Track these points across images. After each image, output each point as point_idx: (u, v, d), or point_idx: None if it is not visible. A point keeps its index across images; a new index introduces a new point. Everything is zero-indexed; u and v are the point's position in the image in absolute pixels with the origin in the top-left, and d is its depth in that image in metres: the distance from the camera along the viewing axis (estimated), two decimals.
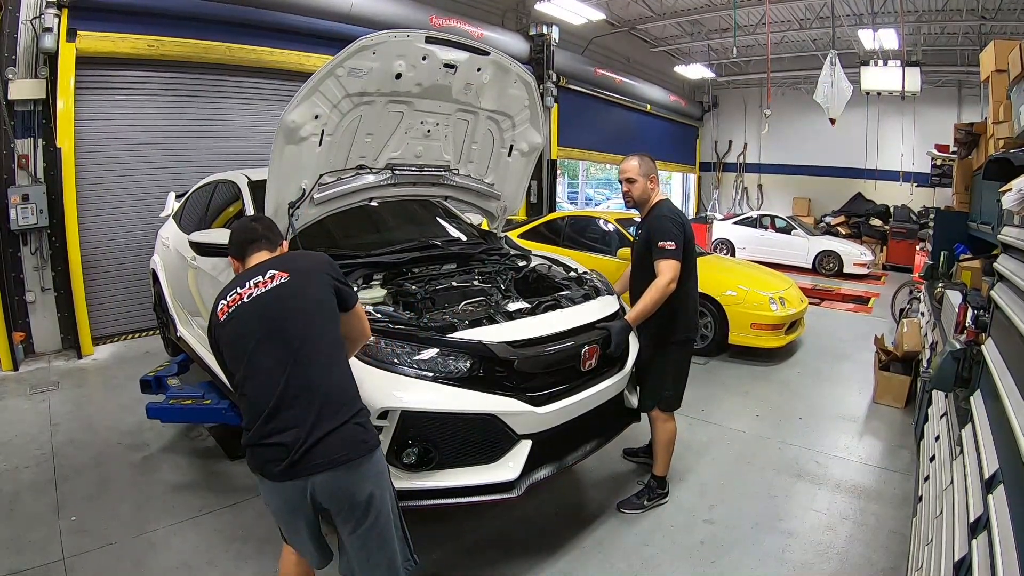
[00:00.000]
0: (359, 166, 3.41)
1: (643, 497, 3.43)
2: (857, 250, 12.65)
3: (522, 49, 10.37)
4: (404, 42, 2.96)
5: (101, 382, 5.36)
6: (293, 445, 1.80)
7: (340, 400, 1.90)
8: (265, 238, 2.19)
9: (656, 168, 3.38)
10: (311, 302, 1.98)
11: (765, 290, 6.22)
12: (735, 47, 10.79)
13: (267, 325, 1.92)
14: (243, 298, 1.97)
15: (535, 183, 10.93)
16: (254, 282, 1.98)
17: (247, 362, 1.92)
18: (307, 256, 2.26)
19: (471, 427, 2.61)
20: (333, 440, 1.83)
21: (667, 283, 3.08)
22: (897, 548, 3.04)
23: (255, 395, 1.89)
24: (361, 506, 1.90)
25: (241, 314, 1.95)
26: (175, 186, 5.73)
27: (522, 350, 2.72)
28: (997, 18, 10.80)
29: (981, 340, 2.84)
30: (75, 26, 5.69)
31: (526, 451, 2.69)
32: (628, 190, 3.31)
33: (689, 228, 3.27)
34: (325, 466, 1.82)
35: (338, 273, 2.10)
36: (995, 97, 4.83)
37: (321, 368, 1.91)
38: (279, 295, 1.95)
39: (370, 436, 1.94)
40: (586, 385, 2.96)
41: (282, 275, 1.99)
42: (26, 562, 2.80)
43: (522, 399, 2.68)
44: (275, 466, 1.82)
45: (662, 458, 3.43)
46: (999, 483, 1.68)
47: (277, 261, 2.09)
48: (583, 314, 3.12)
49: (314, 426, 1.82)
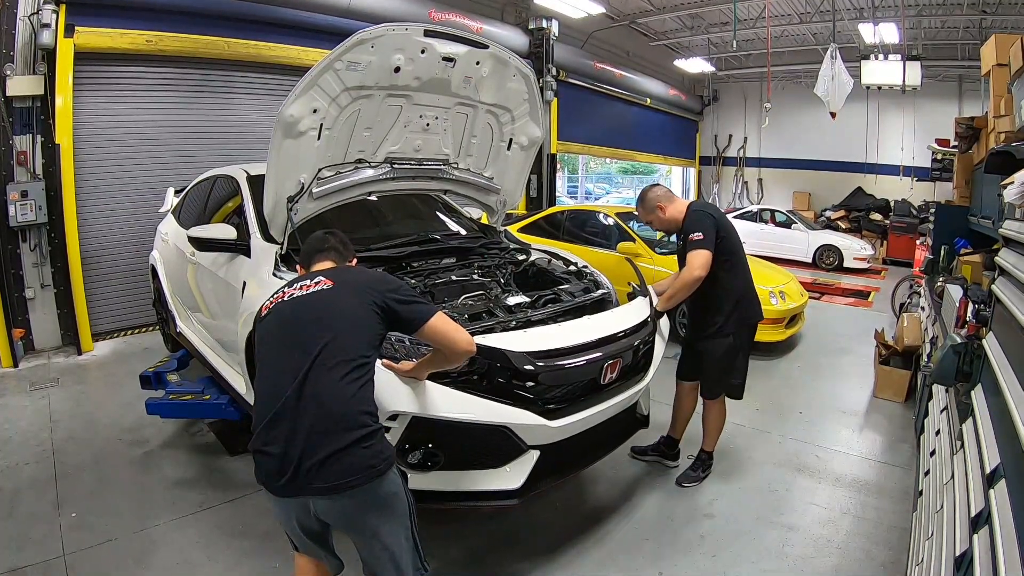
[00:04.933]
0: (358, 160, 3.39)
1: (697, 470, 3.65)
2: (857, 244, 12.63)
3: (521, 43, 10.33)
4: (403, 35, 2.95)
5: (101, 378, 5.36)
6: (291, 458, 1.73)
7: (349, 422, 1.78)
8: (335, 250, 2.24)
9: (658, 193, 3.48)
10: (344, 316, 1.91)
11: (765, 284, 6.19)
12: (735, 41, 10.77)
13: (293, 328, 1.91)
14: (284, 297, 1.99)
15: (535, 177, 10.91)
16: (300, 284, 2.01)
17: (265, 361, 1.93)
18: (363, 272, 2.18)
19: (481, 435, 2.52)
20: (334, 465, 1.73)
21: (694, 270, 3.16)
22: (898, 542, 3.04)
23: (264, 397, 1.86)
24: (368, 532, 1.88)
25: (278, 311, 1.97)
26: (174, 181, 5.72)
27: (544, 362, 2.60)
28: (998, 12, 10.76)
29: (982, 334, 2.84)
30: (73, 22, 5.66)
31: (533, 461, 2.62)
32: (654, 226, 3.57)
33: (724, 220, 3.38)
34: (325, 491, 1.76)
35: (395, 293, 2.00)
36: (996, 91, 4.82)
37: (334, 385, 1.80)
38: (314, 301, 1.94)
39: (380, 460, 1.81)
40: (604, 398, 2.87)
41: (327, 283, 1.98)
42: (27, 559, 2.81)
43: (536, 411, 2.58)
44: (276, 480, 1.76)
45: (713, 436, 3.66)
46: (1000, 478, 1.68)
47: (331, 271, 2.10)
48: (614, 322, 3.01)
49: (315, 444, 1.73)
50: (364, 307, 1.93)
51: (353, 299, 1.95)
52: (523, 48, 10.32)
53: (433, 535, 2.97)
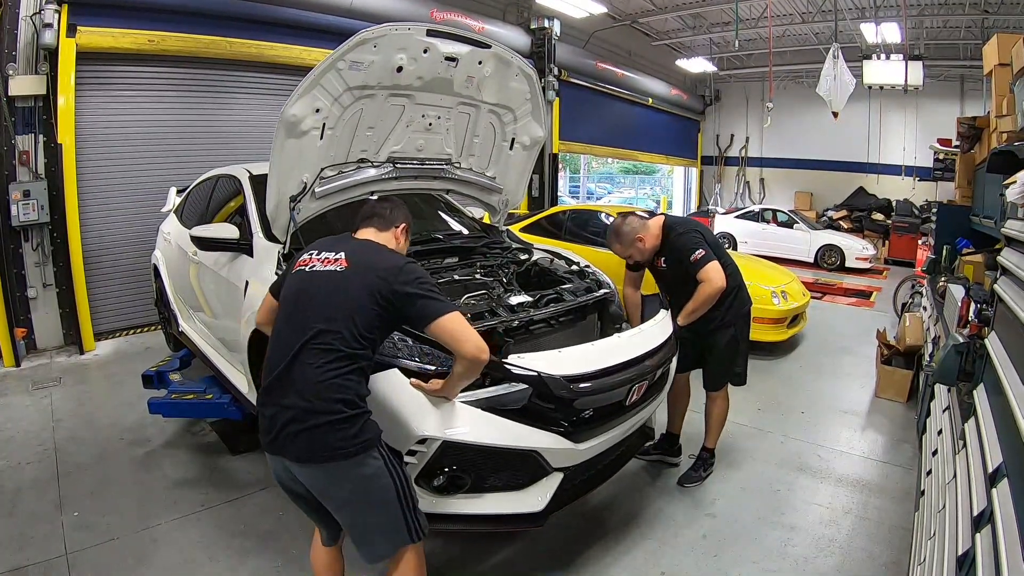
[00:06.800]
0: (360, 160, 3.39)
1: (699, 469, 3.64)
2: (859, 244, 12.62)
3: (523, 43, 10.34)
4: (405, 35, 2.94)
5: (103, 378, 5.37)
6: (276, 422, 1.88)
7: (322, 405, 1.86)
8: (379, 217, 2.31)
9: (633, 225, 3.39)
10: (343, 306, 1.94)
11: (767, 284, 6.20)
12: (737, 41, 10.78)
13: (299, 303, 2.01)
14: (307, 266, 2.09)
15: (536, 177, 10.90)
16: (324, 257, 2.08)
17: (277, 325, 2.06)
18: (381, 254, 2.13)
19: (508, 458, 2.46)
20: (304, 440, 1.86)
21: (716, 283, 3.21)
22: (900, 542, 3.04)
23: (268, 361, 2.00)
24: (333, 504, 1.98)
25: (298, 279, 2.07)
26: (176, 181, 5.71)
27: (580, 386, 2.54)
28: (1000, 12, 10.76)
29: (984, 334, 2.84)
30: (75, 22, 5.67)
31: (556, 483, 2.57)
32: (632, 259, 3.47)
33: (701, 225, 3.48)
34: (294, 459, 1.90)
35: (408, 285, 1.98)
36: (998, 91, 4.82)
37: (315, 370, 1.88)
38: (324, 282, 2.01)
39: (350, 444, 1.87)
40: (627, 417, 2.87)
41: (343, 263, 2.04)
42: (29, 558, 2.81)
43: (564, 434, 2.53)
44: (265, 437, 1.94)
45: (716, 432, 3.67)
46: (1003, 477, 1.68)
47: (358, 244, 2.17)
48: (643, 342, 2.95)
49: (292, 417, 1.86)
50: (366, 298, 1.96)
51: (359, 288, 1.97)
52: (525, 48, 10.33)
53: (433, 534, 2.97)
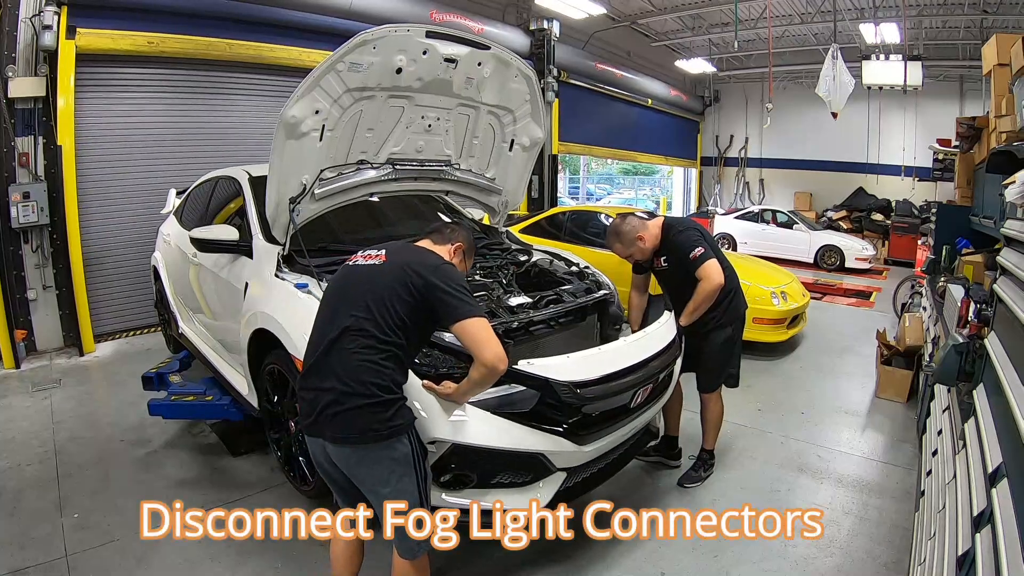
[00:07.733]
0: (360, 161, 3.39)
1: (699, 469, 3.65)
2: (859, 244, 12.62)
3: (523, 44, 10.34)
4: (405, 36, 2.95)
5: (103, 379, 5.37)
6: (316, 405, 2.01)
7: (358, 388, 1.98)
8: (439, 232, 2.45)
9: (633, 224, 3.39)
10: (379, 298, 2.06)
11: (767, 284, 6.21)
12: (736, 41, 10.78)
13: (341, 295, 2.15)
14: (354, 260, 2.25)
15: (536, 178, 10.90)
16: (367, 253, 2.24)
17: (320, 313, 2.19)
18: (421, 254, 2.24)
19: (513, 459, 2.52)
20: (341, 421, 1.99)
21: (714, 280, 3.23)
22: (900, 542, 3.05)
23: (310, 347, 2.14)
24: (362, 482, 2.09)
25: (344, 273, 2.24)
26: (176, 183, 5.73)
27: (588, 391, 2.58)
28: (999, 12, 10.75)
29: (984, 334, 2.84)
30: (75, 23, 5.67)
31: (559, 482, 2.63)
32: (634, 258, 3.46)
33: (700, 226, 3.50)
34: (332, 439, 2.02)
35: (442, 282, 2.06)
36: (997, 91, 4.82)
37: (350, 356, 2.01)
38: (363, 275, 2.15)
39: (384, 427, 2.00)
40: (632, 419, 2.90)
41: (382, 258, 2.18)
42: (29, 559, 2.81)
43: (569, 437, 2.57)
44: (305, 419, 2.08)
45: (713, 434, 3.67)
46: (1003, 477, 1.68)
47: (401, 245, 2.32)
48: (648, 345, 3.00)
49: (331, 400, 1.99)
50: (400, 288, 2.07)
51: (393, 279, 2.09)
52: (524, 49, 10.33)
53: None
